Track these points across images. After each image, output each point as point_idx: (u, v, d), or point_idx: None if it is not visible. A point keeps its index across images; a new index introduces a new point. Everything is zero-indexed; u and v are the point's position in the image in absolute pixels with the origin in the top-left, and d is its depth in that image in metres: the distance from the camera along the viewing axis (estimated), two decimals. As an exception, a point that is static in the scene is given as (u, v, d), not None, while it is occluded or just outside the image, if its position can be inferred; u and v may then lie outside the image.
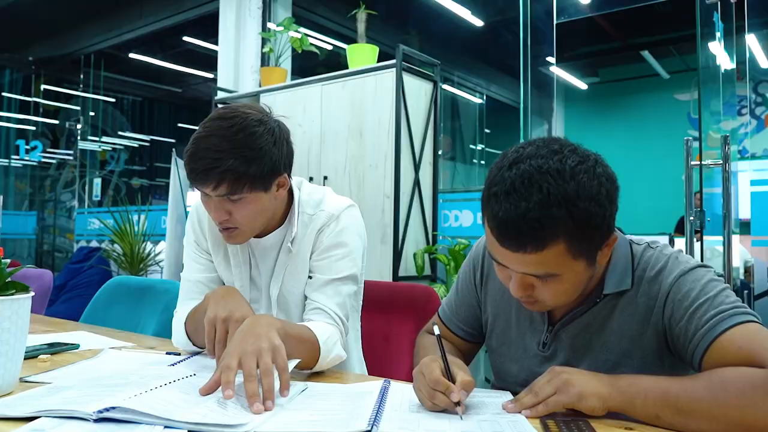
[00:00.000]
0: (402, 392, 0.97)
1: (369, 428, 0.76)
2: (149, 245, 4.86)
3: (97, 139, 7.46)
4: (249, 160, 1.11)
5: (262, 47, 4.24)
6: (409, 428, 0.78)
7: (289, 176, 1.25)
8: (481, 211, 0.93)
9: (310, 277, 1.28)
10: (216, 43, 4.46)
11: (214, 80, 4.42)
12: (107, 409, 0.78)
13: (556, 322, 1.02)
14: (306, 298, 1.28)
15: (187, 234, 1.39)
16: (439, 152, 3.31)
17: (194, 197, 5.43)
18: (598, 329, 0.99)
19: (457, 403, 0.85)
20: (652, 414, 0.81)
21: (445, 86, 6.81)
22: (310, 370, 1.13)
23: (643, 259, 0.98)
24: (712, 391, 0.79)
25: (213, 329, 1.05)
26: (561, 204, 0.82)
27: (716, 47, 2.81)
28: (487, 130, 7.68)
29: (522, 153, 0.88)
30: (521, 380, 1.04)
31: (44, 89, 7.42)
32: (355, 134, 3.16)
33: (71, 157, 7.42)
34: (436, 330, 0.95)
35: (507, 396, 0.96)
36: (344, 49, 3.37)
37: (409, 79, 3.07)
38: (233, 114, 1.15)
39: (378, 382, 1.02)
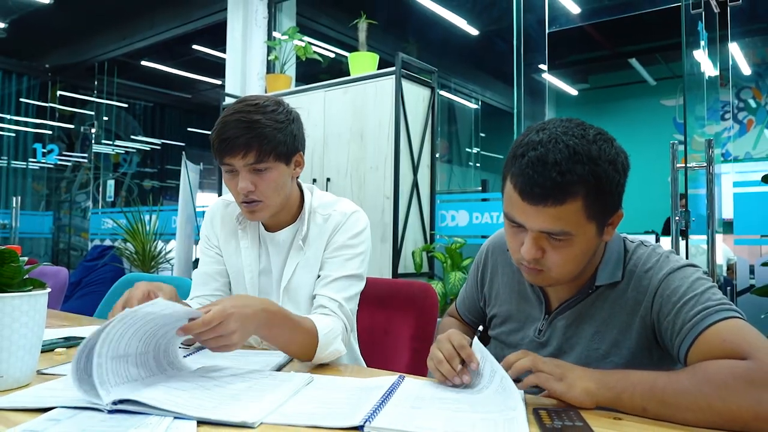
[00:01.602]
0: (412, 388, 0.93)
1: (361, 424, 0.74)
2: (160, 244, 4.86)
3: (110, 142, 7.46)
4: (275, 129, 1.18)
5: (268, 55, 4.24)
6: (401, 423, 0.75)
7: (303, 157, 1.29)
8: (502, 175, 0.94)
9: (319, 275, 1.29)
10: (224, 51, 4.46)
11: (222, 86, 4.42)
12: (121, 401, 0.78)
13: (552, 312, 1.04)
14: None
15: (201, 232, 1.43)
16: (437, 155, 3.31)
17: (204, 198, 5.42)
18: (590, 319, 0.99)
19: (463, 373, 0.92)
20: (639, 407, 0.81)
21: (442, 92, 6.80)
22: (310, 362, 1.12)
23: (635, 256, 0.98)
24: (696, 382, 0.78)
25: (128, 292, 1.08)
26: (585, 162, 0.84)
27: (700, 55, 2.81)
28: (482, 134, 7.67)
29: (547, 124, 0.91)
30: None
31: (60, 95, 7.41)
32: (357, 138, 3.16)
33: (86, 160, 7.41)
34: (479, 330, 1.03)
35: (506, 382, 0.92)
36: (346, 57, 3.36)
37: (407, 86, 3.07)
38: (256, 96, 1.22)
39: (392, 377, 0.99)
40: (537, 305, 1.07)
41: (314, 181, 3.30)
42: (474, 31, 5.80)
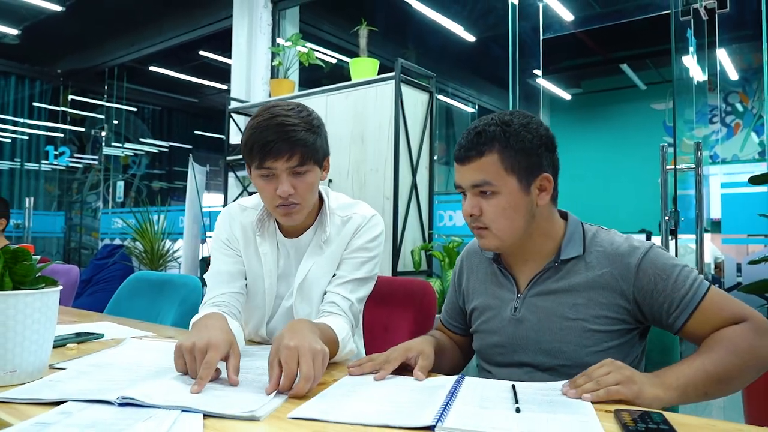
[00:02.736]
0: (474, 388, 0.90)
1: (433, 423, 0.71)
2: (168, 243, 4.86)
3: (120, 145, 7.45)
4: (314, 134, 1.18)
5: (272, 61, 4.23)
6: (474, 424, 0.71)
7: (329, 161, 1.29)
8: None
9: (335, 274, 1.28)
10: (229, 56, 4.46)
11: (228, 91, 4.42)
12: (131, 397, 0.78)
13: (524, 290, 1.09)
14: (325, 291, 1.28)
15: (217, 234, 1.36)
16: (435, 157, 3.31)
17: (210, 199, 5.39)
18: (563, 293, 1.04)
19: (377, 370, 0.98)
20: (701, 394, 0.87)
21: (440, 96, 6.80)
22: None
23: (598, 237, 1.06)
24: (734, 354, 0.89)
25: (182, 358, 0.93)
26: (497, 124, 1.02)
27: (689, 61, 2.81)
28: (478, 137, 7.66)
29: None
30: (500, 346, 1.11)
31: (71, 99, 7.40)
32: (357, 141, 3.16)
33: (96, 162, 7.40)
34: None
35: (558, 385, 0.91)
36: (347, 63, 3.36)
37: (407, 90, 3.06)
38: (285, 102, 1.21)
39: (452, 377, 0.97)
40: (509, 287, 1.12)
41: (317, 182, 3.30)
42: (471, 38, 5.80)
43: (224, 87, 6.66)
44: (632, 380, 0.84)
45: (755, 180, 2.23)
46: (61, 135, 7.38)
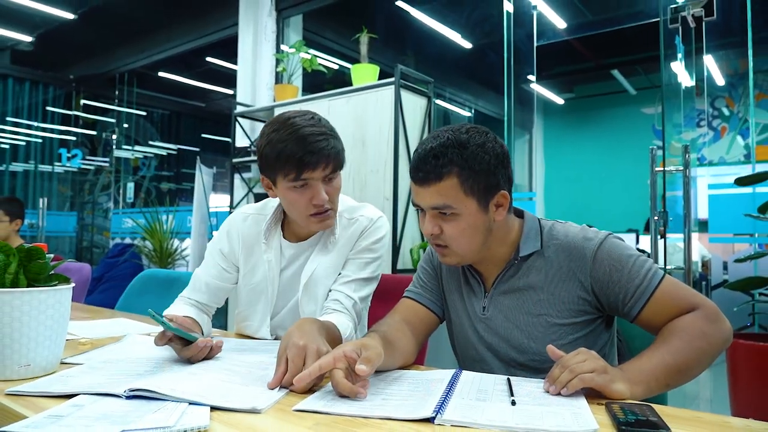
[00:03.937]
0: (471, 381, 0.90)
1: (433, 415, 0.71)
2: (176, 242, 4.86)
3: (130, 147, 7.45)
4: (337, 139, 1.18)
5: (276, 67, 4.24)
6: (472, 416, 0.72)
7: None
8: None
9: (340, 273, 1.28)
10: (235, 63, 4.46)
11: (234, 96, 4.42)
12: (139, 389, 0.78)
13: (489, 289, 1.08)
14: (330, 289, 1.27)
15: (216, 241, 1.35)
16: (433, 159, 3.30)
17: (217, 200, 5.37)
18: (526, 289, 1.03)
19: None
20: (663, 385, 0.86)
21: (438, 101, 6.80)
22: None
23: (554, 230, 1.04)
24: (689, 343, 0.89)
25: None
26: (455, 146, 0.96)
27: (678, 67, 2.81)
28: (475, 140, 7.65)
29: (439, 130, 1.02)
30: (471, 345, 1.10)
31: (83, 104, 7.40)
32: (359, 143, 3.16)
33: (107, 164, 7.41)
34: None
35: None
36: (349, 68, 3.36)
37: (406, 95, 3.06)
38: (299, 111, 1.18)
39: (449, 371, 0.96)
40: (477, 287, 1.10)
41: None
42: (467, 45, 5.80)
43: (230, 92, 6.66)
44: (605, 371, 0.83)
45: (741, 181, 2.23)
46: (74, 138, 7.38)
